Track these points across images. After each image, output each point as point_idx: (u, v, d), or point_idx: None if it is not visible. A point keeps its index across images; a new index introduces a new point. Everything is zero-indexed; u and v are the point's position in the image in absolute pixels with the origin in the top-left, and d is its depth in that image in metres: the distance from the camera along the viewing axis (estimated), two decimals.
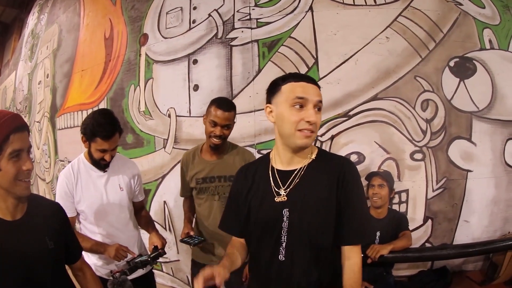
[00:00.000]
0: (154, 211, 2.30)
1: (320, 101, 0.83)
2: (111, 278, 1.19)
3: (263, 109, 2.06)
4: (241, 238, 0.95)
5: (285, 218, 0.83)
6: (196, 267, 1.54)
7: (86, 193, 1.31)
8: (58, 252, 0.90)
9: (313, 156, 0.87)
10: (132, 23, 2.63)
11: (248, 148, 1.99)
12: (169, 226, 2.29)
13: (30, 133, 3.23)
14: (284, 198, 0.84)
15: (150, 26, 2.51)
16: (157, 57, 2.38)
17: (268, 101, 0.87)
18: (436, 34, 2.07)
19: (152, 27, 2.49)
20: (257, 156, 1.91)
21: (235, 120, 1.43)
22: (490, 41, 2.24)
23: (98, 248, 1.29)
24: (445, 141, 1.95)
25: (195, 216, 1.56)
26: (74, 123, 2.94)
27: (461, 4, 2.20)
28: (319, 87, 0.84)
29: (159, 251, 1.33)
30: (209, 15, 2.25)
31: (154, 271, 1.62)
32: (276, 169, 0.88)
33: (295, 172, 0.85)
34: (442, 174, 1.95)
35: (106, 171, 1.34)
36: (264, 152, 2.00)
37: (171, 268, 2.40)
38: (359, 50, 1.94)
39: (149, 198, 2.32)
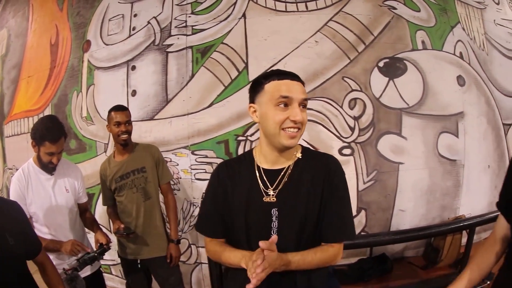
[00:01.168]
0: (99, 214, 2.46)
1: (306, 99, 0.85)
2: (64, 275, 1.36)
3: (196, 112, 2.32)
4: (222, 239, 0.97)
5: (274, 218, 0.86)
6: (125, 262, 1.84)
7: (36, 196, 1.48)
8: (19, 248, 1.01)
9: (299, 155, 0.91)
10: (77, 29, 2.81)
11: (182, 150, 2.21)
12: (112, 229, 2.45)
13: None
14: (274, 199, 0.87)
15: (93, 33, 2.69)
16: (99, 63, 2.56)
17: (251, 100, 0.88)
18: (367, 37, 2.32)
19: (95, 34, 2.68)
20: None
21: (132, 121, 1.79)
22: (423, 42, 2.51)
23: (54, 245, 1.47)
24: (374, 137, 2.18)
25: (120, 214, 1.82)
26: (21, 130, 3.08)
27: (394, 8, 2.47)
28: (303, 83, 0.87)
29: (104, 247, 1.55)
30: (148, 22, 2.44)
31: (105, 274, 1.83)
32: (263, 168, 0.90)
33: (283, 171, 0.88)
34: (372, 167, 2.18)
35: (53, 174, 1.52)
36: (198, 153, 2.21)
37: (120, 270, 2.56)
38: (288, 54, 2.17)
39: (93, 201, 2.48)
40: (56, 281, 1.21)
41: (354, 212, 2.22)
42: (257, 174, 0.89)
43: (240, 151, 2.14)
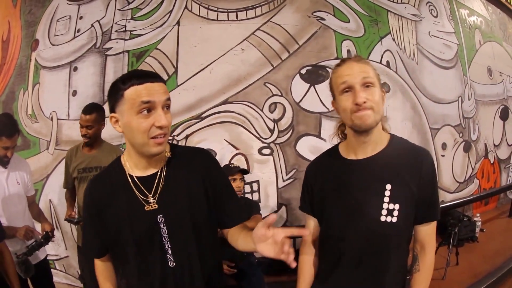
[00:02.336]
0: (42, 210, 2.74)
1: (168, 99, 0.82)
2: (16, 259, 1.60)
3: None
4: (104, 258, 0.98)
5: (161, 225, 0.87)
6: (80, 251, 2.10)
7: None
8: None
9: (168, 154, 0.91)
10: (27, 27, 3.06)
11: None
12: (56, 223, 2.74)
13: None
14: (155, 206, 0.87)
15: (42, 32, 2.94)
16: (45, 63, 2.83)
17: (112, 109, 0.84)
18: (292, 45, 2.66)
19: (44, 33, 2.93)
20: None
21: (104, 122, 1.98)
22: (348, 51, 2.87)
23: (9, 231, 1.68)
24: (293, 138, 2.54)
25: (76, 202, 2.09)
26: None
27: (323, 19, 2.82)
28: (164, 82, 0.85)
29: (49, 234, 1.83)
30: (92, 25, 2.73)
31: None
32: (136, 176, 0.89)
33: (157, 175, 0.88)
34: (291, 166, 2.53)
35: (7, 167, 1.76)
36: None
37: (63, 265, 2.86)
38: (215, 60, 2.49)
39: (36, 197, 2.77)
40: (12, 270, 1.38)
41: (274, 208, 2.57)
42: (132, 184, 0.88)
43: None
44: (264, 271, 2.11)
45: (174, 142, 2.45)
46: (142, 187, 0.88)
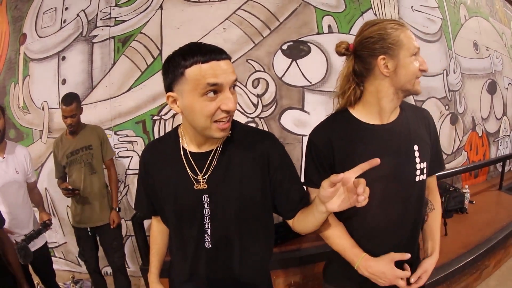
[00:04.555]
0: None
1: (236, 79, 0.76)
2: (15, 245, 1.67)
3: (117, 96, 2.74)
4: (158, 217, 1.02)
5: (205, 205, 0.86)
6: (77, 231, 2.23)
7: None
8: None
9: (228, 133, 0.84)
10: (14, 22, 3.15)
11: (106, 131, 2.61)
12: (52, 211, 2.86)
13: None
14: (204, 186, 0.85)
15: (29, 26, 3.04)
16: (33, 55, 2.93)
17: (169, 88, 0.77)
18: (272, 23, 2.76)
19: (31, 27, 3.03)
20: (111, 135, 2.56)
21: (78, 111, 2.13)
22: (329, 26, 2.97)
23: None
24: (277, 112, 2.64)
25: None
26: None
27: None
28: (230, 58, 0.76)
29: (46, 222, 1.92)
30: (77, 15, 2.83)
31: None
32: (189, 151, 0.87)
33: (211, 154, 0.86)
34: None
35: (4, 157, 1.84)
36: (120, 133, 2.64)
37: (62, 252, 2.97)
38: (198, 40, 2.59)
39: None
40: (14, 257, 1.44)
41: None
42: (184, 158, 0.87)
43: (156, 129, 2.58)
44: None
45: (162, 123, 2.56)
46: (194, 164, 0.86)
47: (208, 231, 0.87)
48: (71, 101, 2.08)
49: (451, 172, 3.25)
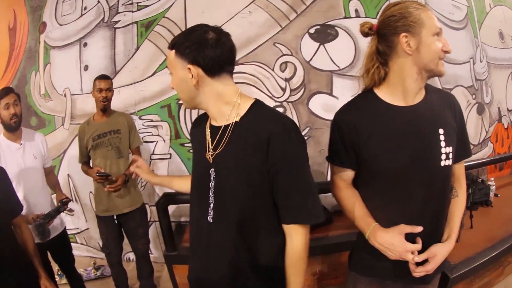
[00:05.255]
0: (61, 185, 2.79)
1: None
2: (33, 223, 1.66)
3: (141, 81, 2.68)
4: None
5: (212, 178, 0.88)
6: (102, 220, 2.16)
7: (9, 165, 1.75)
8: (3, 207, 1.22)
9: (242, 113, 0.86)
10: (33, 12, 3.14)
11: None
12: (75, 197, 2.82)
13: None
14: (211, 160, 0.89)
15: (48, 15, 3.02)
16: (54, 43, 2.90)
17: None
18: (299, 6, 2.69)
19: (50, 16, 3.01)
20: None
21: (112, 89, 2.14)
22: (356, 10, 2.88)
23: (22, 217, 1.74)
24: (305, 96, 2.56)
25: None
26: None
27: None
28: None
29: (64, 200, 1.89)
30: (98, 1, 2.78)
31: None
32: (210, 124, 0.92)
33: (221, 129, 0.88)
34: (304, 124, 2.56)
35: (21, 144, 1.83)
36: (145, 117, 2.59)
37: (84, 238, 2.93)
38: (223, 24, 2.53)
39: (55, 172, 2.84)
40: (32, 244, 1.40)
41: None
42: (208, 130, 0.92)
43: (182, 113, 2.52)
44: None
45: (182, 108, 2.50)
46: (210, 137, 0.90)
47: (211, 205, 0.88)
48: (107, 77, 2.14)
49: (478, 163, 3.15)
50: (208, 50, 0.81)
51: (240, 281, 0.90)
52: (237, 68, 2.53)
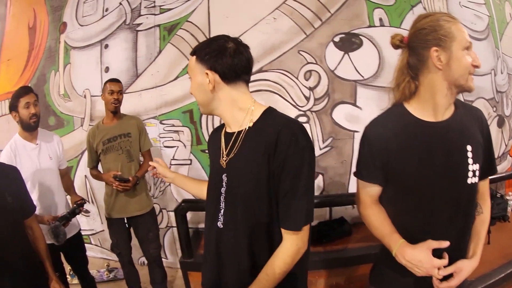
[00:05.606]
0: (78, 186, 2.77)
1: None
2: (48, 226, 1.64)
3: (163, 85, 2.65)
4: None
5: (224, 184, 0.90)
6: (112, 222, 2.14)
7: (24, 165, 1.74)
8: (16, 206, 1.20)
9: (254, 119, 0.89)
10: (54, 12, 3.13)
11: (151, 120, 2.55)
12: (92, 198, 2.79)
13: None
14: (224, 165, 0.91)
15: (69, 15, 3.00)
16: (74, 43, 2.88)
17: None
18: (323, 14, 2.64)
19: (71, 16, 2.99)
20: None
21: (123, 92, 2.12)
22: (380, 19, 2.83)
23: (36, 218, 1.67)
24: (329, 106, 2.51)
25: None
26: (2, 112, 3.39)
27: None
28: None
29: (79, 202, 1.87)
30: (120, 3, 2.77)
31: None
32: (225, 131, 0.96)
33: (234, 135, 0.91)
34: (328, 134, 2.51)
35: (37, 144, 1.81)
36: (166, 122, 2.55)
37: (98, 239, 2.91)
38: (247, 30, 2.49)
39: (71, 174, 2.82)
40: (43, 245, 1.38)
41: None
42: (222, 136, 0.96)
43: (204, 119, 2.48)
44: None
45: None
46: (224, 143, 0.93)
47: (222, 210, 0.90)
48: (118, 80, 2.14)
49: (497, 177, 3.05)
50: (226, 58, 0.86)
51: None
52: (261, 76, 2.52)
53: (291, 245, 0.84)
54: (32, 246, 1.34)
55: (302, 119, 2.48)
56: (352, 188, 2.61)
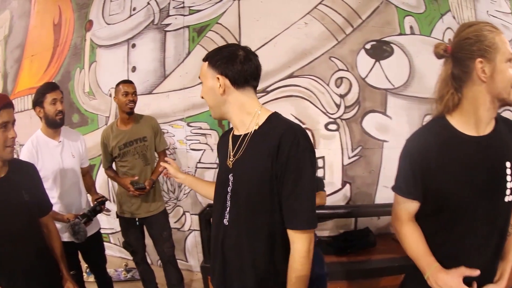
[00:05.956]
0: (99, 184, 2.76)
1: None
2: (67, 223, 1.62)
3: (192, 87, 2.60)
4: None
5: (230, 183, 0.95)
6: (124, 221, 2.13)
7: (47, 162, 1.71)
8: (32, 204, 1.18)
9: (260, 123, 0.93)
10: (79, 9, 3.10)
11: (178, 122, 2.51)
12: (113, 197, 2.76)
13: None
14: (231, 165, 0.96)
15: (95, 13, 2.98)
16: (101, 42, 2.86)
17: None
18: (355, 20, 2.58)
19: (97, 14, 2.97)
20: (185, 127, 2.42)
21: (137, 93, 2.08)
22: (411, 27, 2.77)
23: (56, 216, 1.67)
24: (359, 114, 2.45)
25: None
26: (24, 107, 3.38)
27: None
28: None
29: (99, 200, 1.83)
30: (148, 3, 2.73)
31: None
32: (233, 134, 1.00)
33: (241, 138, 0.95)
34: (357, 143, 2.45)
35: (60, 141, 1.77)
36: (193, 125, 2.51)
37: (118, 238, 2.87)
38: (279, 34, 2.44)
39: (94, 172, 2.78)
40: (59, 244, 1.36)
41: (338, 186, 2.49)
42: (230, 138, 1.00)
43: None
44: (323, 250, 2.07)
45: None
46: (231, 145, 0.98)
47: (228, 209, 0.94)
48: (131, 82, 2.10)
49: None
50: (236, 64, 0.91)
51: (253, 281, 0.93)
52: (292, 81, 2.47)
53: (302, 246, 0.87)
54: (47, 244, 1.31)
55: (332, 127, 2.43)
56: (379, 199, 2.54)
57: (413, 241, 0.96)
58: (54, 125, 1.73)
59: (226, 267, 0.96)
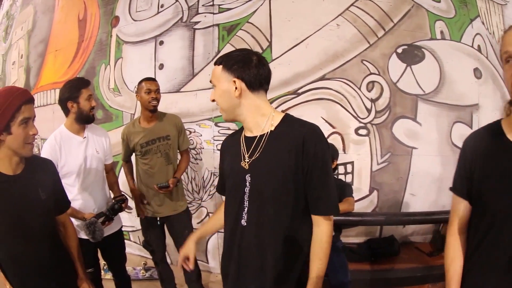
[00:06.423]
0: (122, 181, 2.69)
1: None
2: (84, 222, 1.57)
3: None
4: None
5: (247, 183, 0.95)
6: (145, 220, 2.10)
7: (70, 158, 1.67)
8: (49, 203, 1.14)
9: (276, 123, 0.96)
10: (105, 5, 3.07)
11: (206, 121, 2.45)
12: None
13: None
14: (247, 166, 0.96)
15: (121, 9, 2.94)
16: (127, 38, 2.82)
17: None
18: (386, 23, 2.52)
19: (124, 10, 2.93)
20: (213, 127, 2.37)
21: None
22: (441, 32, 2.70)
23: (76, 214, 1.65)
24: (390, 120, 2.38)
25: (135, 175, 2.14)
26: (47, 101, 3.35)
27: None
28: None
29: (118, 198, 1.79)
30: (176, 0, 2.70)
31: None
32: (244, 135, 1.01)
33: (256, 139, 0.97)
34: (386, 149, 2.38)
35: (85, 137, 1.73)
36: (221, 125, 2.45)
37: (138, 236, 2.82)
38: (310, 35, 2.38)
39: (117, 169, 2.73)
40: (75, 243, 1.31)
41: (366, 192, 2.42)
42: (242, 140, 1.00)
43: None
44: (347, 257, 2.01)
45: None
46: (245, 146, 0.98)
47: (245, 209, 0.95)
48: (154, 79, 2.06)
49: None
50: (252, 68, 0.93)
51: (272, 281, 0.95)
52: (323, 83, 2.41)
53: (327, 228, 0.94)
54: (63, 243, 1.27)
55: (362, 132, 2.36)
56: (405, 207, 2.46)
57: (451, 259, 0.96)
58: (86, 120, 1.71)
59: (241, 269, 0.97)
